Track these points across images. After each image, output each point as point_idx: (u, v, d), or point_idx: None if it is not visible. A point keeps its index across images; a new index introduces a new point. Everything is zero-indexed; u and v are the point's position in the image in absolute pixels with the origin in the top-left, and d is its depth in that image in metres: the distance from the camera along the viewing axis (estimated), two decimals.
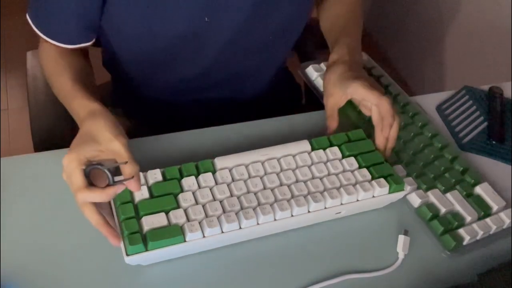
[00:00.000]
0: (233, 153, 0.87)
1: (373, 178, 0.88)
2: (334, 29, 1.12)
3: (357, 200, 0.85)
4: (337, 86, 0.96)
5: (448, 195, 0.93)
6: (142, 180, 0.81)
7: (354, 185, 0.86)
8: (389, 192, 0.87)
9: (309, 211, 0.83)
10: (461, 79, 2.04)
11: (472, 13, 2.09)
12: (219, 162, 0.85)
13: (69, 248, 0.81)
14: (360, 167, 0.89)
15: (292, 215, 0.82)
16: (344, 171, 0.88)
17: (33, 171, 0.90)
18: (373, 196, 0.86)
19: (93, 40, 1.01)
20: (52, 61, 0.99)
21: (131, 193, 0.80)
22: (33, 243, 0.81)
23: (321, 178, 0.86)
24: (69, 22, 0.96)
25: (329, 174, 0.87)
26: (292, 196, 0.83)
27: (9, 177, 0.88)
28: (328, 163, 0.88)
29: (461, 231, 0.88)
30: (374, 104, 0.93)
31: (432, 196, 0.92)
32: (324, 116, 0.99)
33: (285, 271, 0.82)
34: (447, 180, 0.95)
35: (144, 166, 0.83)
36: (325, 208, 0.84)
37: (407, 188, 0.92)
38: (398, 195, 0.88)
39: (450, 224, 0.89)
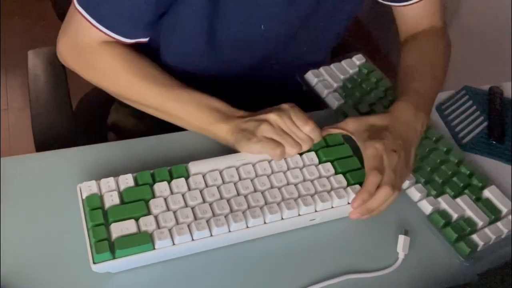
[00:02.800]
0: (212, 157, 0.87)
1: (348, 184, 0.87)
2: (406, 77, 1.07)
3: (332, 207, 0.84)
4: (361, 132, 0.91)
5: (458, 200, 0.93)
6: (114, 186, 0.81)
7: (328, 191, 0.85)
8: None
9: (282, 218, 0.82)
10: (461, 79, 2.03)
11: (472, 13, 2.07)
12: (193, 167, 0.85)
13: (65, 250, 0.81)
14: (336, 173, 0.88)
15: (265, 222, 0.81)
16: (320, 177, 0.87)
17: (34, 171, 0.90)
18: (348, 203, 0.85)
19: (147, 38, 0.97)
20: (126, 65, 0.94)
21: (101, 199, 0.79)
22: (33, 244, 0.81)
23: (296, 185, 0.85)
24: (136, 14, 0.92)
25: (304, 180, 0.86)
26: (266, 203, 0.82)
27: (9, 177, 0.88)
28: (304, 169, 0.87)
29: (475, 237, 0.88)
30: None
31: (443, 202, 0.92)
32: None
33: (284, 272, 0.82)
34: (456, 184, 0.95)
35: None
36: (299, 215, 0.83)
37: (417, 195, 0.92)
38: None
39: (463, 230, 0.89)
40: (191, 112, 0.92)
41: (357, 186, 0.86)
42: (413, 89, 1.00)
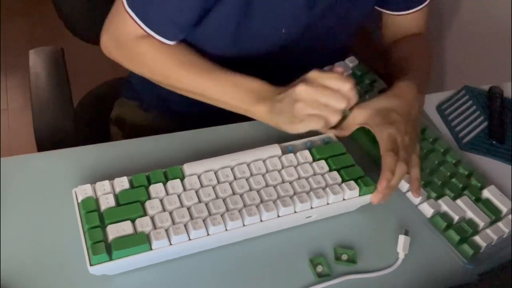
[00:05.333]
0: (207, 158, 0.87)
1: (343, 181, 0.87)
2: (401, 64, 1.11)
3: (328, 204, 0.85)
4: (373, 118, 0.93)
5: (459, 201, 0.93)
6: (109, 189, 0.81)
7: (324, 188, 0.85)
8: (360, 195, 0.86)
9: (278, 216, 0.82)
10: (461, 79, 2.02)
11: (472, 13, 2.06)
12: (188, 168, 0.85)
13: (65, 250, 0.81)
14: (330, 170, 0.89)
15: (261, 220, 0.81)
16: (314, 174, 0.87)
17: (34, 171, 0.90)
18: (344, 199, 0.86)
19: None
20: (166, 56, 1.00)
21: (97, 202, 0.80)
22: (31, 246, 0.81)
23: (291, 182, 0.85)
24: (180, 20, 0.98)
25: (299, 178, 0.86)
26: (261, 201, 0.82)
27: (9, 177, 0.89)
28: (299, 167, 0.88)
29: (477, 238, 0.88)
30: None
31: (444, 205, 0.92)
32: None
33: (282, 272, 0.82)
34: (455, 185, 0.95)
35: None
36: (295, 212, 0.83)
37: (418, 198, 0.92)
38: (369, 197, 0.87)
39: (466, 232, 0.89)
40: (229, 93, 0.95)
41: (352, 183, 0.86)
42: (412, 74, 1.03)
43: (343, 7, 1.07)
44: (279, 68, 1.08)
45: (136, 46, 1.00)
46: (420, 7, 1.18)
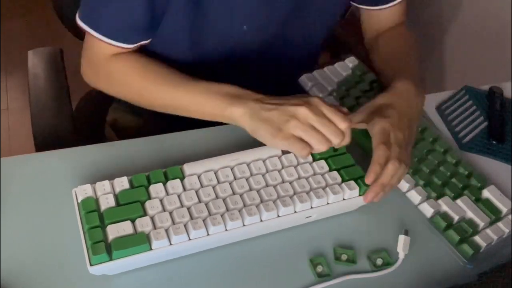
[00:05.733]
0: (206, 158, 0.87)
1: (343, 180, 0.87)
2: (392, 61, 1.10)
3: (328, 203, 0.85)
4: (370, 116, 0.92)
5: (459, 201, 0.93)
6: (109, 189, 0.81)
7: (324, 188, 0.85)
8: (360, 195, 0.86)
9: (278, 216, 0.82)
10: (461, 79, 2.03)
11: (472, 13, 2.07)
12: (188, 168, 0.85)
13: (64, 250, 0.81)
14: (330, 170, 0.89)
15: (261, 220, 0.81)
16: (314, 174, 0.87)
17: (34, 171, 0.90)
18: (344, 199, 0.86)
19: (149, 40, 1.01)
20: (136, 71, 0.99)
21: (97, 202, 0.80)
22: (31, 245, 0.81)
23: (291, 182, 0.85)
24: (132, 20, 0.96)
25: (299, 178, 0.86)
26: (261, 201, 0.82)
27: (9, 177, 0.89)
28: (299, 167, 0.88)
29: (477, 238, 0.88)
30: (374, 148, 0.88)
31: (444, 205, 0.92)
32: None
33: (282, 272, 0.82)
34: (455, 185, 0.95)
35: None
36: (295, 212, 0.83)
37: (418, 198, 0.92)
38: None
39: (466, 232, 0.89)
40: (202, 102, 0.91)
41: (352, 182, 0.86)
42: (408, 72, 1.02)
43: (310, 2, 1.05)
44: (249, 71, 1.08)
45: (106, 65, 0.99)
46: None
